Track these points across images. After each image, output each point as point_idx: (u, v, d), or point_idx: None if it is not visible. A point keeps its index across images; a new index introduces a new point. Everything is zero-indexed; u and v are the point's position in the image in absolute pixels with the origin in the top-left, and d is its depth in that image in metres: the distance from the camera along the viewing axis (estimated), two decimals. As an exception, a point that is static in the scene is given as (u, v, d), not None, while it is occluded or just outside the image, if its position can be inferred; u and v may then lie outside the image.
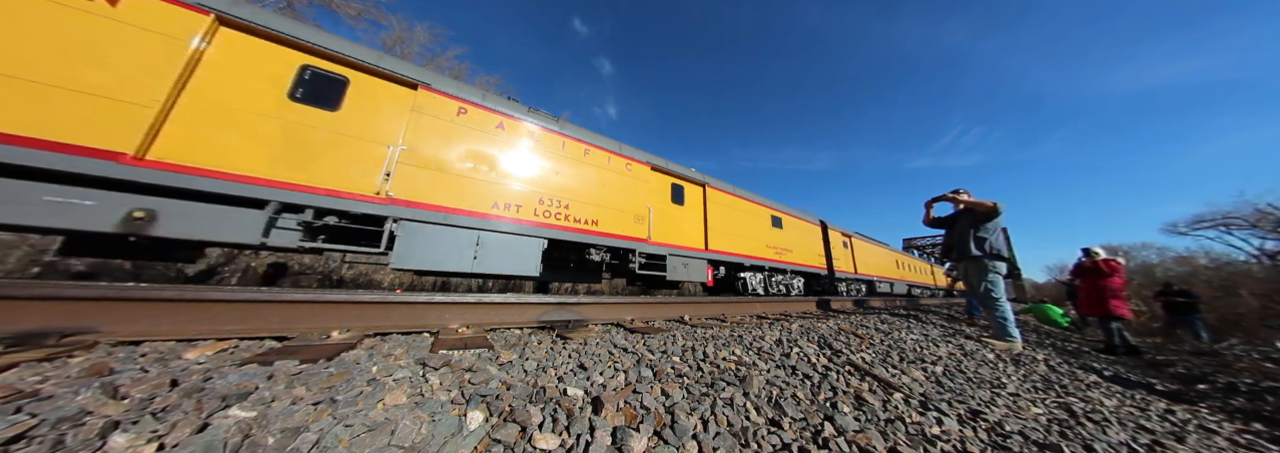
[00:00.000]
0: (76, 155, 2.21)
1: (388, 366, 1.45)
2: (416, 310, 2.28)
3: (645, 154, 5.69)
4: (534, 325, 2.60)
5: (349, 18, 10.85)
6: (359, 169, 3.17)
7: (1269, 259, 16.95)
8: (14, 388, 1.06)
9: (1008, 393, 1.88)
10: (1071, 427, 1.53)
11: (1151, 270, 23.25)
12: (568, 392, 1.33)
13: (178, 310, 1.74)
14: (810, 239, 9.45)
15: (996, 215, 3.41)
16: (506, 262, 3.72)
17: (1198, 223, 20.71)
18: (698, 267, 5.83)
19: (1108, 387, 2.32)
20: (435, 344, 1.84)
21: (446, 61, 13.52)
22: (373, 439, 0.96)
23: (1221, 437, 1.66)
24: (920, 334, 3.22)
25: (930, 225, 4.00)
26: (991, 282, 3.38)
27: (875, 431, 1.28)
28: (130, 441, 0.87)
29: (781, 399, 1.45)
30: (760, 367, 1.84)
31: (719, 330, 2.77)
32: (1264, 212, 18.15)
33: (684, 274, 5.56)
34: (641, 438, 1.08)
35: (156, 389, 1.11)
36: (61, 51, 2.28)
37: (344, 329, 2.00)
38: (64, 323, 1.57)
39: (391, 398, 1.16)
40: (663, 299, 3.76)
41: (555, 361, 1.72)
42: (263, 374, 1.26)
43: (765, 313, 4.43)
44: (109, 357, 1.41)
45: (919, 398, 1.62)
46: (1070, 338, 5.02)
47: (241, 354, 1.55)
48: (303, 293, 2.15)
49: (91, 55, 2.35)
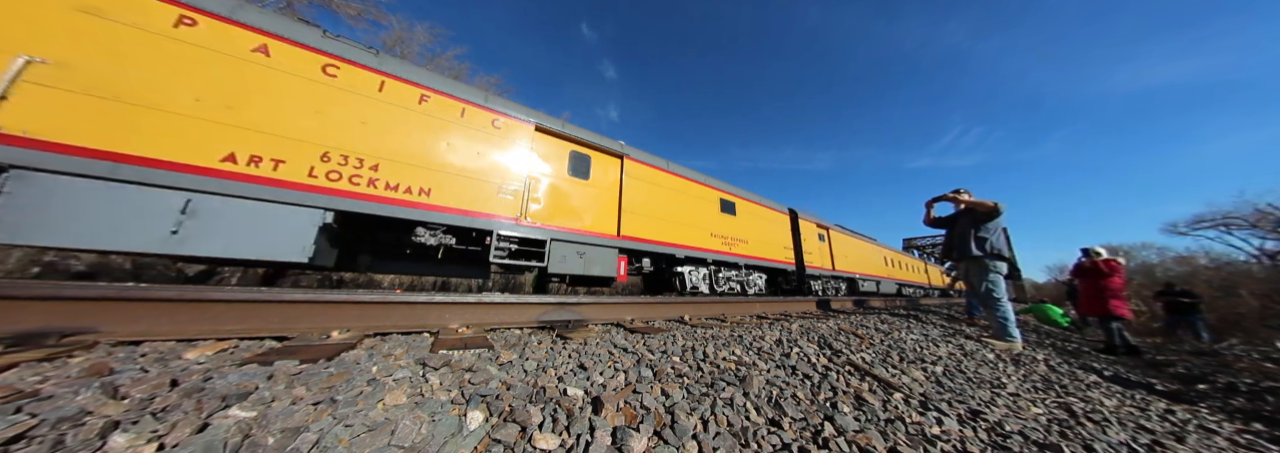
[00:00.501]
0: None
1: (388, 366, 1.45)
2: (416, 310, 2.28)
3: (529, 111, 4.47)
4: (534, 326, 2.60)
5: (349, 18, 10.85)
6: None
7: (1269, 259, 16.95)
8: (14, 388, 1.06)
9: (1008, 393, 1.88)
10: (1071, 427, 1.53)
11: (1151, 270, 23.26)
12: (568, 392, 1.33)
13: (178, 310, 1.74)
14: (774, 230, 8.22)
15: (997, 215, 3.41)
16: (243, 239, 2.63)
17: (1198, 223, 20.72)
18: (603, 257, 4.68)
19: (1108, 387, 2.32)
20: (435, 344, 1.84)
21: (446, 61, 13.53)
22: (373, 439, 0.96)
23: (1221, 437, 1.66)
24: (920, 334, 3.22)
25: (931, 225, 4.00)
26: (992, 282, 3.38)
27: (875, 431, 1.28)
28: (130, 441, 0.87)
29: (781, 399, 1.45)
30: (760, 367, 1.84)
31: (719, 330, 2.76)
32: (1264, 212, 18.15)
33: (577, 265, 4.38)
34: (641, 438, 1.08)
35: (156, 389, 1.11)
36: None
37: (344, 329, 2.00)
38: (64, 323, 1.57)
39: (391, 398, 1.16)
40: (663, 300, 3.76)
41: (555, 361, 1.72)
42: (263, 374, 1.26)
43: (765, 313, 4.43)
44: (109, 357, 1.41)
45: (919, 398, 1.62)
46: (1070, 338, 5.02)
47: (241, 354, 1.55)
48: (303, 293, 2.15)
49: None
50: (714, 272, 6.53)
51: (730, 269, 6.94)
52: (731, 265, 6.89)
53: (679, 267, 5.94)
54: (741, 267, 7.07)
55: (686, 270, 6.02)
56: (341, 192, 3.03)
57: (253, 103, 2.83)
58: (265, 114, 2.86)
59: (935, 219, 3.94)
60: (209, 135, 2.65)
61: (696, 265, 6.22)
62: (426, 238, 3.53)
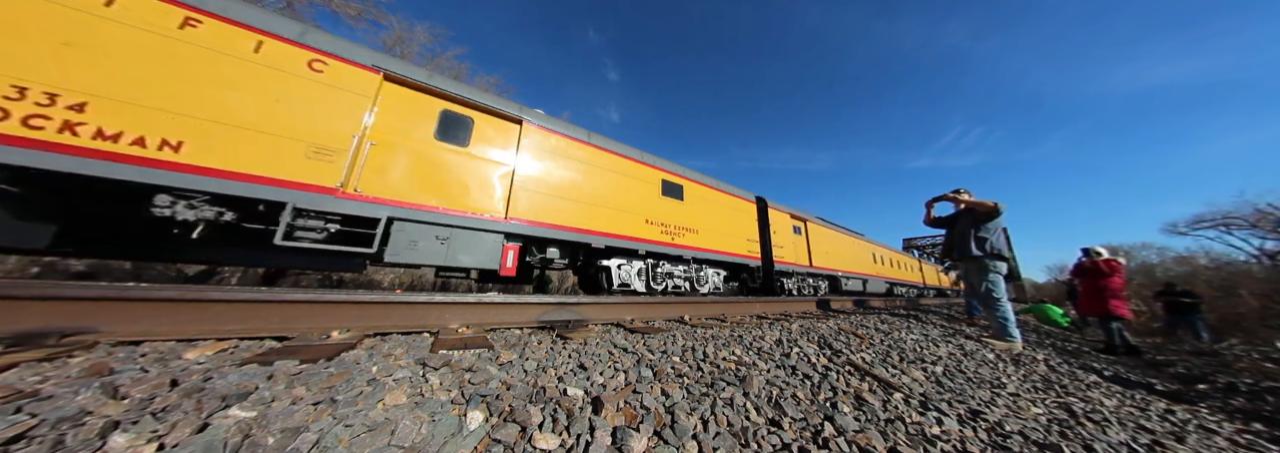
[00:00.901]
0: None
1: (388, 366, 1.45)
2: (416, 310, 2.28)
3: (378, 55, 3.54)
4: (534, 325, 2.60)
5: (349, 18, 10.86)
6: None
7: (1269, 259, 16.96)
8: (14, 388, 1.06)
9: (1008, 393, 1.88)
10: (1071, 427, 1.53)
11: (1151, 270, 23.28)
12: (568, 392, 1.33)
13: (178, 310, 1.74)
14: (735, 219, 7.26)
15: (997, 215, 3.41)
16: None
17: (1198, 223, 20.74)
18: (478, 243, 3.74)
19: (1108, 387, 2.32)
20: (435, 344, 1.84)
21: (446, 61, 13.54)
22: (373, 439, 0.96)
23: (1221, 437, 1.66)
24: (920, 334, 3.22)
25: (931, 225, 4.00)
26: (992, 282, 3.39)
27: (875, 431, 1.28)
28: (130, 441, 0.87)
29: (781, 399, 1.45)
30: (760, 367, 1.84)
31: (719, 330, 2.77)
32: (1264, 212, 18.16)
33: (435, 253, 3.45)
34: (641, 438, 1.08)
35: (156, 389, 1.11)
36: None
37: (344, 329, 1.99)
38: (64, 323, 1.57)
39: (391, 398, 1.16)
40: (663, 300, 3.76)
41: (555, 361, 1.72)
42: (263, 374, 1.26)
43: (765, 313, 4.43)
44: (109, 357, 1.41)
45: (919, 398, 1.62)
46: (1070, 338, 5.02)
47: (241, 354, 1.55)
48: (303, 293, 2.15)
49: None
50: (652, 266, 5.57)
51: (675, 263, 5.98)
52: (675, 259, 5.94)
53: (604, 260, 5.03)
54: (689, 260, 6.12)
55: (614, 264, 5.07)
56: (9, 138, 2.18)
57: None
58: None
59: (935, 219, 3.94)
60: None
61: (628, 258, 5.29)
62: (177, 210, 2.57)
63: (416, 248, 3.37)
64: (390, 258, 3.28)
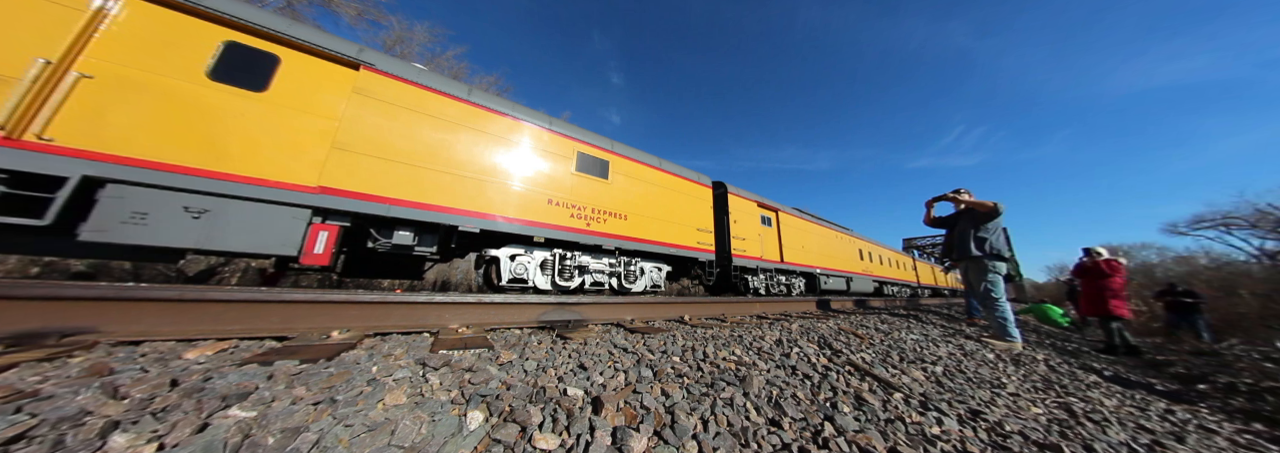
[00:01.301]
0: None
1: (388, 366, 1.45)
2: (416, 311, 2.28)
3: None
4: (534, 326, 2.61)
5: (349, 18, 10.86)
6: None
7: (1269, 259, 16.96)
8: (14, 388, 1.06)
9: (1008, 393, 1.88)
10: (1071, 427, 1.53)
11: (1151, 270, 23.28)
12: (568, 392, 1.33)
13: (178, 310, 1.74)
14: (681, 205, 6.19)
15: (997, 216, 3.41)
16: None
17: (1198, 223, 20.77)
18: (262, 220, 2.78)
19: (1108, 387, 2.32)
20: (435, 344, 1.84)
21: (446, 61, 13.54)
22: (373, 439, 0.96)
23: (1221, 437, 1.66)
24: (920, 334, 3.22)
25: (931, 225, 4.00)
26: (992, 282, 3.38)
27: (875, 431, 1.28)
28: (130, 441, 0.87)
29: (781, 399, 1.45)
30: (760, 367, 1.84)
31: (719, 330, 2.77)
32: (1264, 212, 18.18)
33: (180, 233, 2.49)
34: (641, 438, 1.08)
35: (156, 389, 1.11)
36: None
37: (344, 329, 2.00)
38: (64, 323, 1.57)
39: (391, 398, 1.16)
40: (663, 299, 3.76)
41: (555, 361, 1.72)
42: (263, 374, 1.26)
43: (765, 313, 4.43)
44: (109, 357, 1.41)
45: (919, 398, 1.62)
46: (1070, 338, 5.02)
47: (241, 354, 1.55)
48: (303, 293, 2.15)
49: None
50: (560, 259, 4.67)
51: (595, 255, 5.04)
52: (594, 250, 5.04)
53: (493, 249, 4.19)
54: (616, 252, 5.21)
55: (505, 254, 4.22)
56: None
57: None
58: None
59: (935, 219, 3.94)
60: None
61: (525, 248, 4.42)
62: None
63: (144, 223, 2.40)
64: (89, 235, 2.27)
